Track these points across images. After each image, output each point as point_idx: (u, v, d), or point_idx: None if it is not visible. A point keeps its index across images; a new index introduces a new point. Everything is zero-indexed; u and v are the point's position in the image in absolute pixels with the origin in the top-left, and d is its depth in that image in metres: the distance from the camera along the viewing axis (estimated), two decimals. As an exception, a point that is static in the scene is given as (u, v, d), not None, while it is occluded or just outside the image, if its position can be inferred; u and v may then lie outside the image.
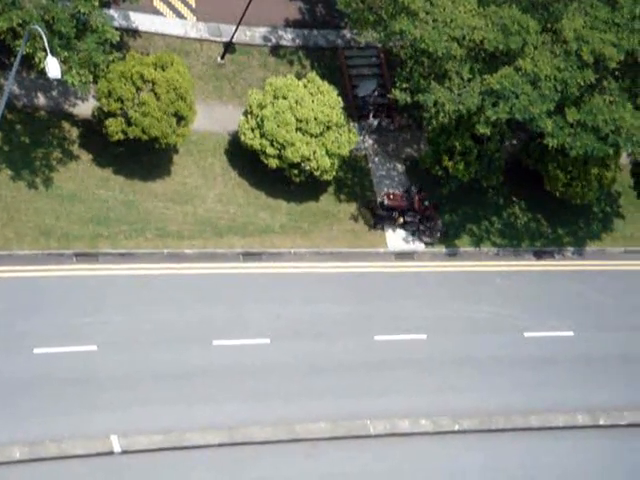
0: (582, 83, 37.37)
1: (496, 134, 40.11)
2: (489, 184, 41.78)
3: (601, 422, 38.68)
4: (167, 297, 37.10)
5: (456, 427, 37.12)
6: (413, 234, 40.69)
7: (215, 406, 35.39)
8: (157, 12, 42.41)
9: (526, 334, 40.04)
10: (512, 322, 40.12)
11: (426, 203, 40.94)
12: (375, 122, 41.34)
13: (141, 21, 41.73)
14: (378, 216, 40.66)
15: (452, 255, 41.47)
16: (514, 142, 43.72)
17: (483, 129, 37.96)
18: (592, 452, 38.07)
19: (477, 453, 36.84)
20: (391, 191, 41.05)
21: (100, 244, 37.38)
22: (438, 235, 41.14)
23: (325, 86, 39.88)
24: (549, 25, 37.88)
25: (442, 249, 41.40)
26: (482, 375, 38.51)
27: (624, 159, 43.73)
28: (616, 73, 38.81)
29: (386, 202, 40.54)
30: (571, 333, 40.50)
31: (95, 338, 35.50)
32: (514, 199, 43.22)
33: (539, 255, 42.48)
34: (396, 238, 41.01)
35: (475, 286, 40.78)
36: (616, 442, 38.47)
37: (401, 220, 40.69)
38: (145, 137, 37.84)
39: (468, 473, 36.29)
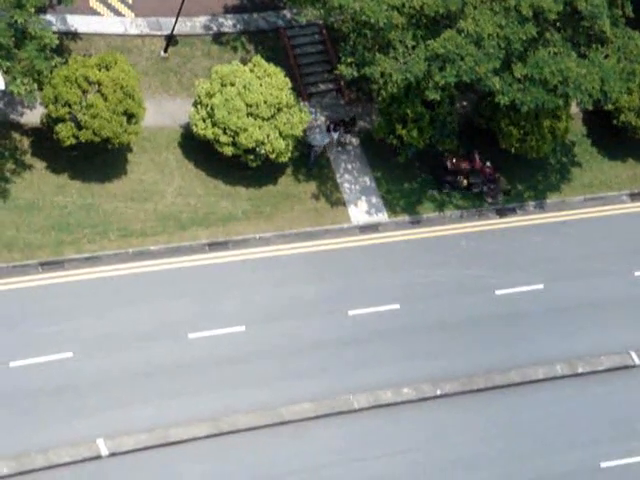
0: (525, 38, 37.53)
1: (446, 98, 40.23)
2: (445, 148, 41.91)
3: (580, 370, 39.07)
4: (138, 296, 37.03)
5: (438, 392, 37.37)
6: (478, 195, 41.98)
7: (197, 399, 35.42)
8: (94, 12, 42.10)
9: (497, 292, 40.31)
10: (482, 282, 40.38)
11: (488, 164, 41.78)
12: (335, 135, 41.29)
13: (79, 23, 41.42)
14: (443, 180, 41.77)
15: (416, 222, 41.62)
16: (465, 103, 43.86)
17: (433, 94, 38.05)
18: (574, 401, 38.47)
19: (461, 415, 37.15)
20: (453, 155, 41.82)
21: (64, 251, 37.23)
22: (501, 196, 41.99)
23: (271, 68, 39.80)
24: (486, -16, 38.03)
25: (405, 217, 41.56)
26: (459, 338, 38.75)
27: (574, 108, 43.99)
28: (557, 24, 39.00)
29: (449, 166, 41.48)
30: (541, 286, 40.83)
31: (70, 345, 35.41)
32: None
33: (501, 213, 42.71)
34: (359, 212, 41.11)
35: (442, 250, 40.98)
36: (596, 388, 38.88)
37: (465, 182, 41.77)
38: (97, 139, 37.65)
39: (450, 435, 36.57)
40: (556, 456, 36.96)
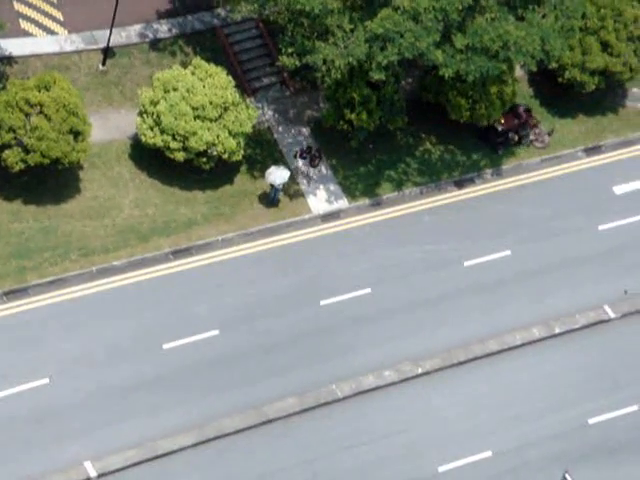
0: (461, 8, 37.48)
1: (391, 77, 40.09)
2: (395, 127, 41.83)
3: (557, 331, 39.20)
4: (107, 313, 36.74)
5: (419, 370, 37.36)
6: (528, 146, 43.10)
7: (180, 408, 35.22)
8: (27, 34, 41.62)
9: (466, 263, 40.34)
10: (449, 255, 40.39)
11: (529, 112, 43.06)
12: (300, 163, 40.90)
13: (13, 46, 40.91)
14: (497, 143, 42.85)
15: (376, 205, 41.53)
16: (410, 80, 43.79)
17: (377, 75, 37.93)
18: (554, 362, 38.59)
19: (445, 390, 37.17)
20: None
21: (27, 277, 36.83)
22: (547, 138, 43.13)
23: (213, 68, 39.53)
24: (416, -42, 37.87)
25: (365, 201, 41.46)
26: (433, 313, 38.77)
27: (519, 71, 44.04)
28: (492, -11, 38.99)
29: (500, 127, 42.51)
30: (509, 252, 40.89)
31: (45, 370, 35.08)
32: (423, 135, 43.34)
33: (460, 184, 42.71)
34: (318, 201, 40.94)
35: (405, 229, 40.94)
36: (575, 346, 39.02)
37: (516, 137, 43.00)
38: (46, 161, 37.25)
39: (437, 411, 36.57)
40: (543, 419, 37.09)
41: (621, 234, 42.02)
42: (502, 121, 42.68)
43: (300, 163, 40.64)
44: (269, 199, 40.07)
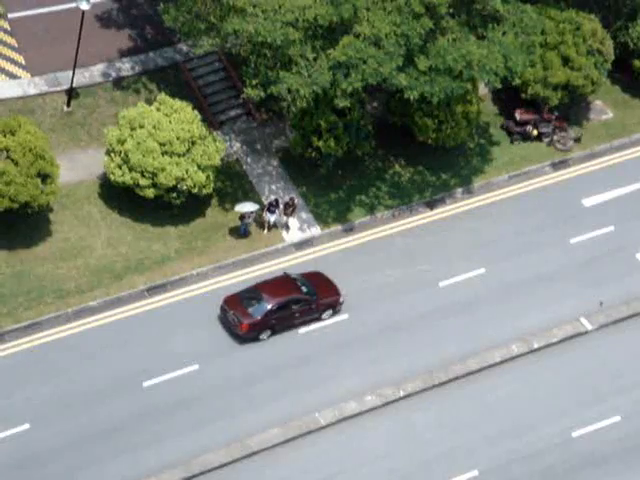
0: (422, 31, 37.74)
1: (356, 103, 40.30)
2: (363, 151, 41.99)
3: (535, 346, 39.31)
4: (86, 354, 36.56)
5: (401, 393, 37.35)
6: (548, 145, 43.66)
7: (162, 446, 35.03)
8: (-11, 79, 41.59)
9: (441, 284, 40.43)
10: (424, 277, 40.48)
11: (555, 113, 43.31)
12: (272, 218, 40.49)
13: (-24, 93, 40.89)
14: (513, 132, 43.52)
15: (349, 230, 41.61)
16: (375, 104, 43.99)
17: (342, 102, 38.11)
18: (534, 377, 38.67)
19: (427, 411, 37.16)
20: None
21: (2, 323, 36.61)
22: (571, 143, 43.58)
23: (178, 104, 39.58)
24: (373, -15, 38.15)
25: (338, 227, 41.52)
26: (412, 335, 38.77)
27: (483, 90, 44.35)
28: (451, 11, 39.24)
29: (518, 117, 43.10)
30: (482, 270, 41.02)
31: (25, 416, 34.83)
32: (392, 158, 43.53)
33: (431, 205, 42.87)
34: (291, 230, 40.93)
35: (379, 253, 41.01)
36: (554, 360, 39.15)
37: (535, 132, 43.52)
38: (15, 205, 37.13)
39: (419, 434, 36.55)
40: (527, 435, 37.10)
41: (593, 246, 42.26)
42: (521, 111, 43.46)
43: (269, 217, 40.05)
44: (240, 232, 40.02)
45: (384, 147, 43.15)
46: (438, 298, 39.95)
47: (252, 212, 39.54)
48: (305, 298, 37.78)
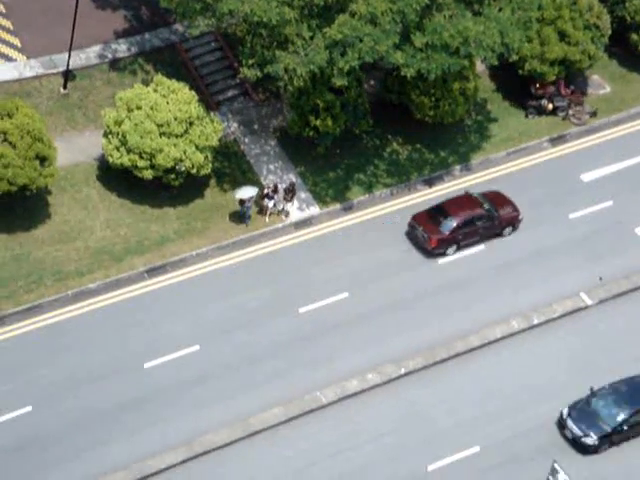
0: (418, 8, 37.60)
1: (353, 81, 40.20)
2: (361, 130, 41.92)
3: (535, 322, 39.36)
4: (86, 336, 36.60)
5: (402, 371, 37.41)
6: (563, 119, 43.90)
7: (164, 427, 35.11)
8: (-15, 62, 41.50)
9: (441, 261, 40.38)
10: (424, 254, 40.47)
11: (571, 87, 43.68)
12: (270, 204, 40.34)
13: (-28, 76, 40.81)
14: (529, 106, 43.79)
15: (348, 209, 41.58)
16: (372, 82, 43.89)
17: (340, 81, 38.01)
18: (535, 353, 38.74)
19: (429, 389, 37.24)
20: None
21: (2, 306, 36.63)
22: (587, 117, 43.79)
23: (175, 84, 39.48)
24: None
25: (337, 206, 41.49)
26: (412, 313, 38.81)
27: (480, 66, 44.22)
28: (447, -13, 39.11)
29: (534, 91, 43.45)
30: (483, 247, 40.99)
31: (27, 399, 34.89)
32: (389, 137, 43.46)
33: (430, 182, 42.83)
34: (291, 216, 40.81)
35: (378, 231, 41.01)
36: (555, 335, 39.20)
37: (550, 106, 43.73)
38: (13, 188, 37.09)
39: (423, 411, 36.64)
40: (528, 410, 37.16)
41: (592, 221, 42.25)
42: (537, 85, 43.62)
43: (267, 203, 39.94)
44: (241, 217, 39.87)
45: (382, 125, 43.07)
46: (438, 275, 39.97)
47: (252, 197, 39.45)
48: (488, 215, 40.00)
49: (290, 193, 40.14)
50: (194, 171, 39.29)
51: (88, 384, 35.45)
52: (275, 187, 39.93)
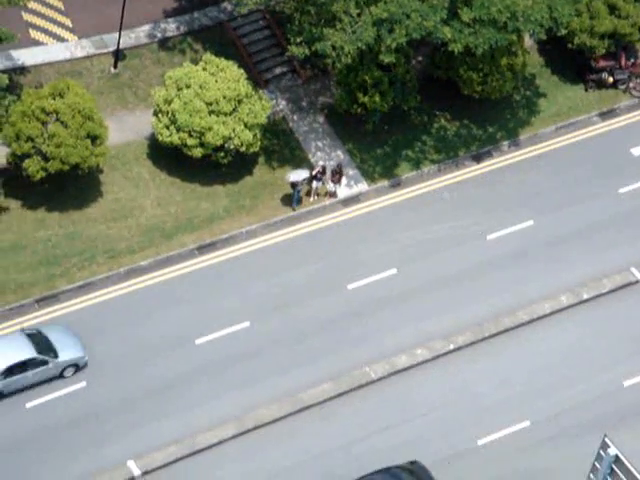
0: (466, -17, 37.51)
1: (401, 57, 40.16)
2: (409, 106, 41.90)
3: (585, 297, 39.24)
4: (139, 312, 37.04)
5: (451, 346, 37.51)
6: (624, 92, 43.87)
7: (216, 401, 35.52)
8: (37, 43, 41.90)
9: (489, 237, 40.42)
10: (472, 230, 40.46)
11: (632, 60, 43.52)
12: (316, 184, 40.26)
13: (25, 56, 41.22)
14: (589, 80, 43.73)
15: (396, 185, 41.65)
16: (420, 58, 43.81)
17: (387, 58, 37.98)
18: (585, 327, 38.66)
19: (477, 364, 37.30)
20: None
21: (56, 284, 37.19)
22: None
23: (223, 63, 39.70)
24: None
25: (385, 182, 41.57)
26: (461, 289, 38.84)
27: (528, 41, 43.97)
28: (496, -39, 38.89)
29: (594, 64, 43.27)
30: (531, 222, 40.93)
31: (81, 375, 35.44)
32: (437, 112, 43.40)
33: (478, 158, 42.76)
34: (338, 191, 40.91)
35: (426, 207, 41.03)
36: (605, 310, 39.06)
37: (610, 79, 43.66)
38: (66, 167, 37.57)
39: (471, 387, 36.73)
40: (578, 385, 37.15)
41: (642, 195, 42.04)
42: (598, 59, 43.35)
43: (316, 185, 39.96)
44: (292, 200, 39.99)
45: (429, 101, 43.01)
46: (486, 251, 39.95)
47: (304, 179, 39.57)
48: None
49: (337, 175, 40.26)
50: (243, 149, 39.54)
51: (140, 360, 35.90)
52: (323, 169, 40.06)
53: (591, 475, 27.50)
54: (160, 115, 39.29)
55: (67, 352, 34.96)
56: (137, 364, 35.82)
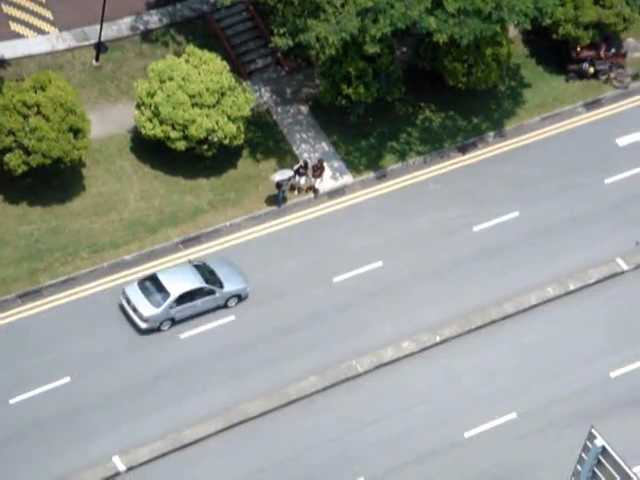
0: (450, -27, 37.35)
1: (385, 48, 39.97)
2: (394, 98, 41.72)
3: (571, 288, 39.19)
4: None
5: (437, 338, 37.41)
6: (605, 82, 43.72)
7: (201, 397, 35.33)
8: (17, 36, 41.53)
9: (475, 228, 40.32)
10: (458, 222, 40.36)
11: (612, 50, 43.34)
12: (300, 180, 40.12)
13: (5, 49, 40.85)
14: (570, 70, 43.60)
15: (381, 177, 41.49)
16: (404, 49, 43.63)
17: (372, 48, 37.80)
18: (571, 319, 38.62)
19: (464, 356, 37.22)
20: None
21: (39, 278, 36.92)
22: (629, 79, 43.57)
23: (206, 55, 39.44)
24: None
25: (370, 174, 41.40)
26: (447, 281, 38.77)
27: (513, 31, 43.84)
28: (479, -49, 38.74)
29: (574, 55, 43.12)
30: (517, 214, 40.84)
31: (66, 370, 35.21)
32: (422, 104, 43.23)
33: (463, 149, 42.63)
34: (319, 186, 40.68)
35: (412, 199, 40.90)
36: (591, 301, 39.03)
37: (592, 70, 43.50)
38: (48, 161, 37.27)
39: (458, 379, 36.64)
40: (565, 377, 37.14)
41: (627, 186, 41.93)
42: (578, 49, 43.24)
43: (299, 180, 39.78)
44: (278, 200, 39.73)
45: (414, 92, 42.85)
46: (472, 243, 39.86)
47: (289, 178, 39.34)
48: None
49: (319, 170, 40.04)
50: (227, 141, 39.30)
51: (127, 356, 35.70)
52: (305, 163, 39.85)
53: (578, 466, 27.46)
54: (143, 108, 39.01)
55: (231, 283, 36.62)
56: (122, 360, 35.56)
